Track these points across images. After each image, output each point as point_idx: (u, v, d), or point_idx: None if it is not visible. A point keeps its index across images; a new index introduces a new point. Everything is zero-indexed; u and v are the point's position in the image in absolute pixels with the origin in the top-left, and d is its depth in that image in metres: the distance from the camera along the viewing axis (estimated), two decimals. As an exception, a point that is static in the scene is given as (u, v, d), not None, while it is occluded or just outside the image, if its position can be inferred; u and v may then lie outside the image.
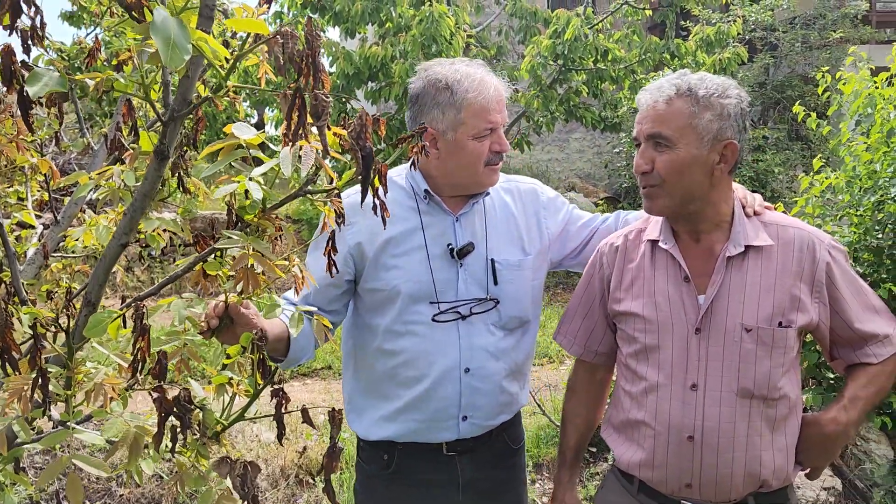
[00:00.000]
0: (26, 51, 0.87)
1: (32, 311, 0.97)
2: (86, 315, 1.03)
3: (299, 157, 0.88)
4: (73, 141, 2.27)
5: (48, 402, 0.97)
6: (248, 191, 0.96)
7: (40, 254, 1.77)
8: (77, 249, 1.73)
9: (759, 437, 1.44)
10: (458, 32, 5.93)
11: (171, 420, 0.97)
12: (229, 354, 1.08)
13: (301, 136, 0.86)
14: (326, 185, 1.00)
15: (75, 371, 1.01)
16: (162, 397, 0.94)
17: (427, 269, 1.60)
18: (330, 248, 1.05)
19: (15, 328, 0.96)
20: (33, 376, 0.92)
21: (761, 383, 1.43)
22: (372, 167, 0.90)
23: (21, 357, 0.97)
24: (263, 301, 1.14)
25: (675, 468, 1.47)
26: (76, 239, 1.45)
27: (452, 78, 1.56)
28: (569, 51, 6.39)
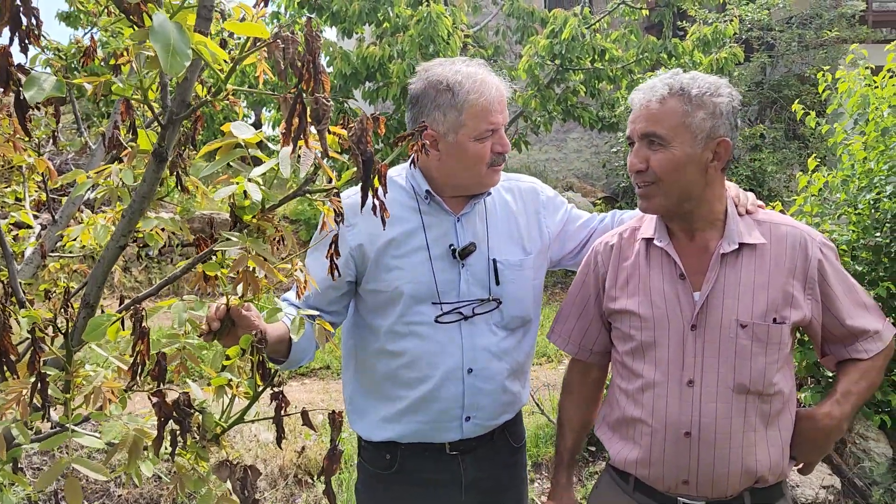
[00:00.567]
0: (23, 50, 0.86)
1: (31, 315, 0.96)
2: (84, 317, 1.02)
3: (298, 157, 0.88)
4: (70, 140, 2.27)
5: (47, 407, 0.96)
6: (246, 191, 0.95)
7: (38, 253, 1.76)
8: (74, 249, 1.73)
9: (754, 433, 1.45)
10: (455, 32, 5.91)
11: (171, 424, 0.97)
12: (229, 356, 1.08)
13: (301, 139, 0.86)
14: (325, 184, 1.00)
15: (74, 374, 1.00)
16: (161, 401, 0.93)
17: (429, 270, 1.59)
18: (333, 252, 1.04)
19: (13, 330, 0.96)
20: (32, 381, 0.91)
21: (757, 379, 1.44)
22: (372, 171, 0.89)
23: (19, 359, 0.96)
24: (265, 304, 1.14)
25: (671, 465, 1.48)
26: (74, 238, 1.44)
27: (453, 79, 1.54)
28: (566, 50, 6.39)
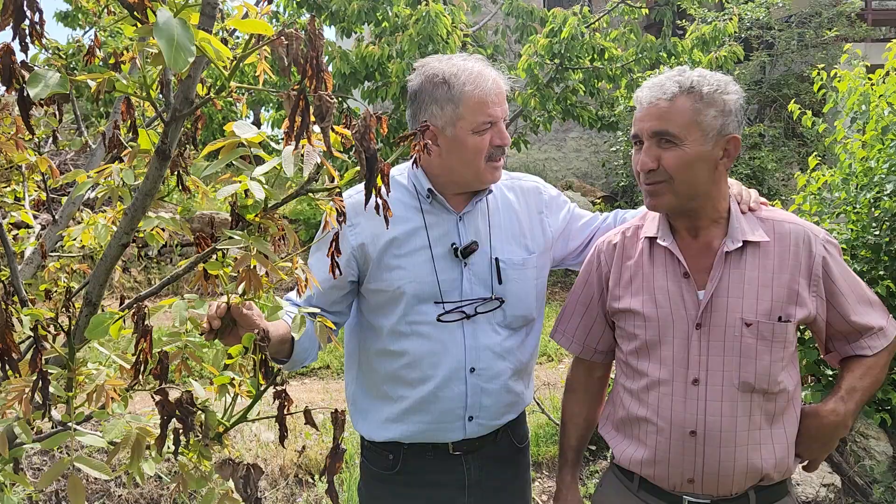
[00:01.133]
0: (24, 49, 0.86)
1: (33, 313, 0.96)
2: (86, 315, 1.02)
3: (301, 156, 0.88)
4: (69, 140, 2.26)
5: (49, 405, 0.96)
6: (248, 190, 0.95)
7: (38, 253, 1.76)
8: (74, 249, 1.73)
9: (759, 431, 1.45)
10: (454, 32, 5.90)
11: (174, 423, 0.96)
12: (231, 355, 1.08)
13: (304, 137, 0.85)
14: (328, 183, 1.00)
15: (76, 372, 1.00)
16: (164, 400, 0.93)
17: (431, 269, 1.59)
18: (333, 250, 1.04)
19: (15, 329, 0.96)
20: (34, 378, 0.91)
21: (762, 377, 1.44)
22: (375, 169, 0.89)
23: (21, 358, 0.96)
24: (266, 303, 1.14)
25: (677, 464, 1.48)
26: (74, 238, 1.44)
27: (449, 72, 1.54)
28: (565, 50, 6.38)
